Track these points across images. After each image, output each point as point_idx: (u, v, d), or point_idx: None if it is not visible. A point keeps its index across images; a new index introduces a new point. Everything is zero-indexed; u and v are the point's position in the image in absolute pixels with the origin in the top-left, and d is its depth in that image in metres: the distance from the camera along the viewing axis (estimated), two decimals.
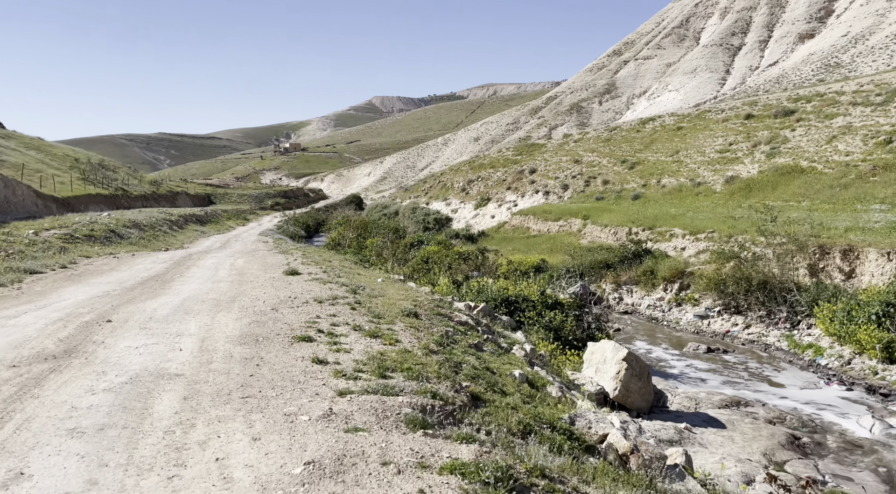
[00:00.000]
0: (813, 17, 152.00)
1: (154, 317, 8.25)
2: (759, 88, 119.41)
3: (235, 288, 10.91)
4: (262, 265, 15.54)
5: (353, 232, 43.70)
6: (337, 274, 13.22)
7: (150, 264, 15.88)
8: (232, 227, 53.20)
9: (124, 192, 62.11)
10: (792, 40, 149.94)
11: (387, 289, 11.21)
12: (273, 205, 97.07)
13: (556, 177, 51.76)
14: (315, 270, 14.19)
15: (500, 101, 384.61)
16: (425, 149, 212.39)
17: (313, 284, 11.36)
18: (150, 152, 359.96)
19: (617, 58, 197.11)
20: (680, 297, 23.20)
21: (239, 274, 13.58)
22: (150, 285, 11.45)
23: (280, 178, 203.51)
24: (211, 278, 12.94)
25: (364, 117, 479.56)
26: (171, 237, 32.53)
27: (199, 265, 15.79)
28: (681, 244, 26.92)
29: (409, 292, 11.29)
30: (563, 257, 31.27)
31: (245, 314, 8.39)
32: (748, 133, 41.19)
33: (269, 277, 12.90)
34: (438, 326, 8.43)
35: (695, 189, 38.08)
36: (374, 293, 10.28)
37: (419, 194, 74.11)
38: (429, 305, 9.89)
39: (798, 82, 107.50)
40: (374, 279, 13.38)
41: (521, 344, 12.31)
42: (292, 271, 13.36)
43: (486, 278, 19.95)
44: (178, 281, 12.23)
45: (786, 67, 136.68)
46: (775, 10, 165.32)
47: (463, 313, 10.68)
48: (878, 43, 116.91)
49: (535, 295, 17.41)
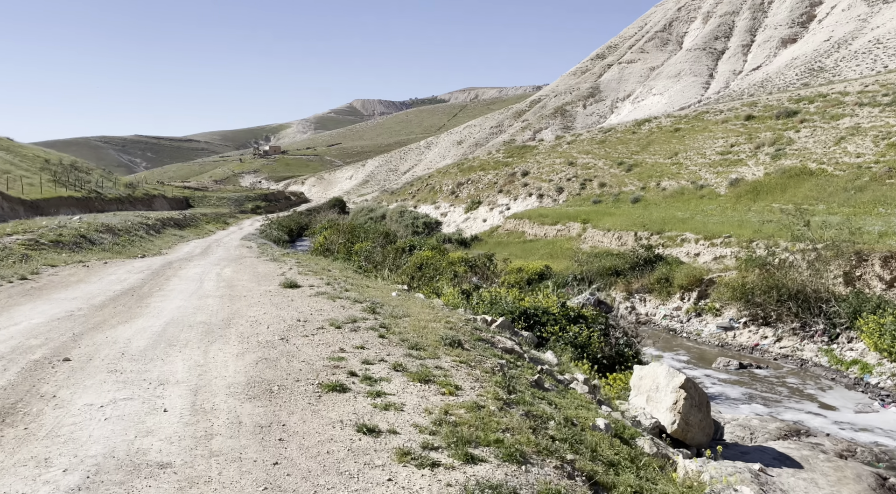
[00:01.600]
0: (795, 22, 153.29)
1: (128, 352, 6.38)
2: (743, 92, 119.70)
3: (228, 306, 9.09)
4: (253, 275, 13.68)
5: (341, 237, 41.74)
6: (343, 287, 11.43)
7: (124, 275, 13.93)
8: (212, 231, 50.90)
9: (98, 194, 59.50)
10: (775, 45, 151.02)
11: (408, 306, 9.48)
12: (253, 208, 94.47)
13: (550, 179, 50.34)
14: (316, 281, 12.39)
15: (482, 104, 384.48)
16: (408, 152, 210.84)
17: (320, 300, 9.58)
18: (125, 155, 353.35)
19: (600, 62, 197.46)
20: (699, 307, 21.73)
21: (228, 287, 11.73)
22: (124, 303, 9.56)
23: (260, 181, 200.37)
24: (196, 291, 11.08)
25: (345, 120, 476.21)
26: (147, 243, 30.37)
27: (180, 276, 13.88)
28: (694, 250, 25.50)
29: (439, 312, 9.54)
30: (568, 263, 29.73)
31: (247, 345, 6.58)
32: (750, 134, 40.11)
33: (265, 290, 11.08)
34: (489, 358, 6.72)
35: (697, 192, 36.82)
36: (398, 313, 8.52)
37: (406, 198, 72.30)
38: (463, 327, 8.19)
39: (782, 86, 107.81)
40: (386, 293, 11.61)
41: (554, 364, 10.64)
42: (291, 284, 11.54)
43: (500, 288, 18.29)
44: (158, 296, 10.35)
45: (769, 71, 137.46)
46: (758, 14, 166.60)
47: (503, 336, 8.97)
48: (861, 48, 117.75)
49: (555, 308, 15.76)
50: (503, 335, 9.00)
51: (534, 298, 16.78)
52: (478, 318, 14.52)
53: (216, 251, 28.14)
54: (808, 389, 15.43)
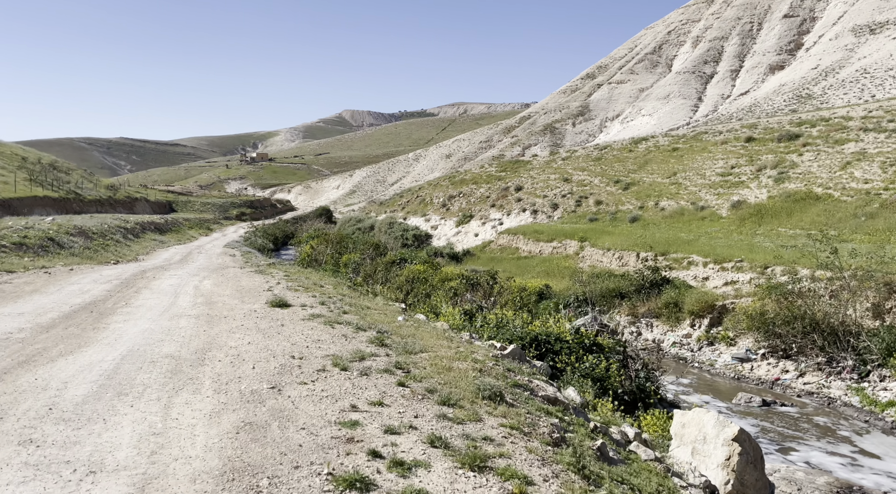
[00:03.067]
0: (783, 49, 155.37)
1: (58, 405, 4.70)
2: (731, 115, 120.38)
3: (204, 331, 7.56)
4: (236, 290, 12.13)
5: (329, 247, 40.12)
6: (340, 308, 9.93)
7: (88, 285, 12.30)
8: (194, 237, 49.01)
9: (77, 195, 57.46)
10: (763, 71, 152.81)
11: (420, 335, 8.02)
12: (238, 215, 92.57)
13: (545, 195, 49.22)
14: (308, 299, 10.87)
15: (471, 119, 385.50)
16: (396, 164, 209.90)
17: (317, 325, 8.09)
18: (110, 157, 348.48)
19: (590, 81, 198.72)
20: (711, 335, 20.46)
21: (207, 304, 10.18)
22: (79, 322, 7.99)
23: (246, 187, 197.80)
24: (168, 309, 9.52)
25: (333, 130, 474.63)
26: (123, 248, 28.58)
27: (153, 288, 12.29)
28: (702, 274, 24.31)
29: (459, 346, 8.06)
30: (567, 282, 28.44)
31: (225, 397, 5.03)
32: (750, 156, 39.31)
33: (250, 309, 9.55)
34: (539, 416, 5.27)
35: (698, 213, 35.83)
36: (411, 346, 7.03)
37: (395, 209, 70.84)
38: (494, 368, 6.75)
39: (771, 112, 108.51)
40: (390, 316, 10.10)
41: (578, 403, 9.21)
42: (280, 302, 10.02)
43: (506, 310, 16.86)
44: (122, 314, 8.78)
45: (757, 96, 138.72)
46: (746, 41, 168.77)
47: (539, 380, 7.52)
48: (848, 77, 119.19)
49: (568, 334, 14.37)
50: (538, 379, 7.55)
51: (543, 322, 15.37)
52: (485, 344, 13.08)
53: (197, 259, 26.44)
54: (841, 430, 14.14)
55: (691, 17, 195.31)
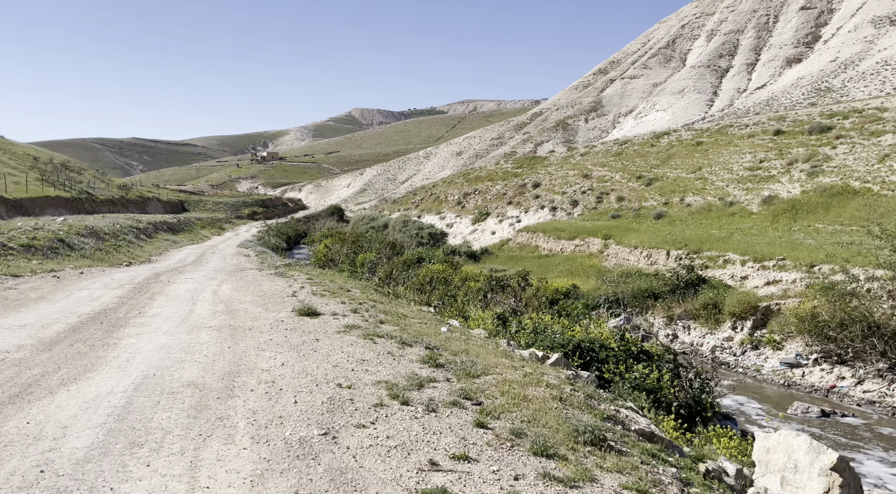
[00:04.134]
0: (800, 41, 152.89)
1: (50, 468, 3.62)
2: (748, 109, 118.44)
3: (229, 348, 6.58)
4: (258, 296, 11.16)
5: (345, 247, 39.19)
6: (375, 316, 8.94)
7: (99, 290, 11.38)
8: (207, 237, 48.30)
9: (89, 195, 56.99)
10: (780, 64, 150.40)
11: (472, 350, 7.00)
12: (250, 214, 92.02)
13: (564, 192, 48.03)
14: (337, 306, 9.88)
15: (481, 117, 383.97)
16: (406, 162, 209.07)
17: (355, 339, 7.10)
18: (122, 157, 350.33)
19: (603, 76, 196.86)
20: (755, 338, 19.29)
21: (228, 312, 9.21)
22: (86, 337, 7.04)
23: (257, 187, 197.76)
24: (185, 319, 8.56)
25: (343, 129, 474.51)
26: (136, 248, 27.78)
27: (168, 293, 11.34)
28: (740, 272, 23.09)
29: (521, 365, 7.01)
30: (594, 281, 27.32)
31: (267, 450, 3.91)
32: (780, 150, 37.94)
33: (276, 319, 8.58)
34: (657, 467, 4.23)
35: (727, 209, 34.54)
36: (470, 367, 5.96)
37: (409, 207, 69.88)
38: (571, 394, 5.70)
39: (789, 105, 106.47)
40: (431, 326, 9.08)
41: (644, 425, 8.15)
42: (308, 310, 9.03)
43: (544, 315, 15.79)
44: (135, 326, 7.82)
45: (775, 90, 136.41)
46: (762, 34, 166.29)
47: (626, 407, 6.47)
48: (868, 69, 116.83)
49: (612, 340, 13.29)
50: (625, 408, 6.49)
51: (584, 327, 14.30)
52: (525, 353, 12.04)
53: (211, 260, 25.59)
54: None
55: (705, 10, 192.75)
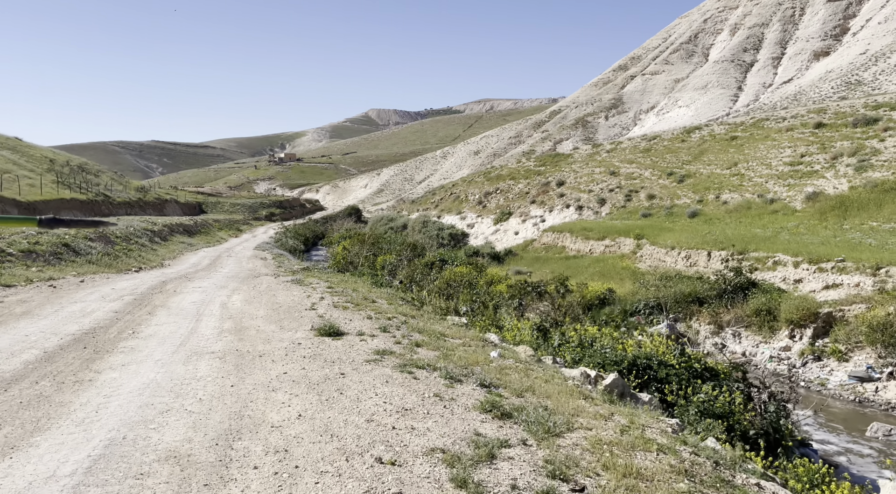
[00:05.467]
0: (828, 34, 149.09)
1: None
2: (775, 104, 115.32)
3: (232, 388, 5.17)
4: (272, 309, 9.77)
5: (364, 249, 37.87)
6: (407, 334, 7.50)
7: (94, 303, 10.07)
8: (224, 239, 47.33)
9: (106, 198, 56.41)
10: (807, 58, 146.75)
11: (538, 387, 5.53)
12: (268, 215, 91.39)
13: (590, 190, 46.28)
14: (363, 322, 8.45)
15: (498, 116, 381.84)
16: (423, 161, 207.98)
17: (390, 372, 5.66)
18: (142, 160, 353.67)
19: (623, 73, 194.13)
20: (817, 348, 17.54)
21: (236, 331, 7.82)
22: (57, 371, 5.67)
23: (274, 188, 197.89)
24: (185, 341, 7.18)
25: (360, 129, 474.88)
26: (148, 252, 26.68)
27: (171, 306, 9.99)
28: (793, 275, 21.31)
29: (605, 406, 5.49)
30: (630, 285, 25.67)
31: None
32: (822, 144, 35.89)
33: (292, 341, 7.17)
34: None
35: (768, 207, 32.63)
36: (549, 419, 4.45)
37: (428, 207, 68.49)
38: (691, 458, 4.23)
39: (818, 99, 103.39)
40: (477, 349, 7.62)
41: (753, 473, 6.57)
42: (329, 329, 7.62)
43: (588, 325, 14.24)
44: (122, 353, 6.45)
45: (802, 84, 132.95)
46: (788, 27, 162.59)
47: (768, 481, 4.94)
48: None
49: (671, 356, 11.71)
50: (766, 481, 4.97)
51: (637, 341, 12.73)
52: (574, 372, 10.53)
53: (226, 264, 24.38)
54: None
55: (728, 4, 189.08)
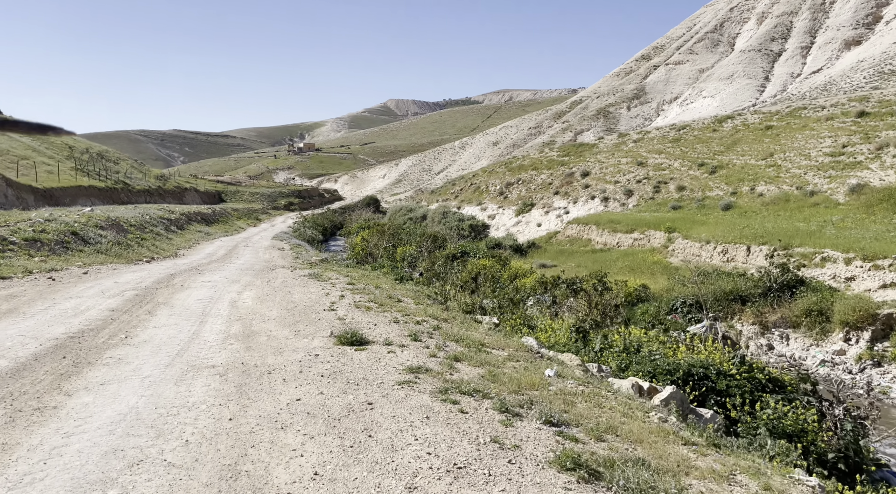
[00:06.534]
0: (860, 23, 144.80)
1: None
2: (804, 95, 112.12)
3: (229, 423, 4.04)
4: (286, 309, 8.69)
5: (384, 240, 36.82)
6: (441, 345, 6.39)
7: (91, 299, 9.07)
8: (242, 228, 46.60)
9: (125, 185, 56.04)
10: (837, 47, 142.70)
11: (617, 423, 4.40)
12: (287, 205, 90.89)
13: (616, 181, 44.75)
14: (390, 328, 7.36)
15: (517, 106, 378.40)
16: (442, 152, 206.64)
17: (427, 401, 4.55)
18: (164, 149, 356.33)
19: (646, 62, 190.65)
20: (876, 352, 16.15)
21: (244, 337, 6.75)
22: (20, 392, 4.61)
23: (293, 177, 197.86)
24: (183, 350, 6.12)
25: (378, 120, 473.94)
26: (163, 241, 25.85)
27: (174, 305, 8.96)
28: (844, 272, 19.83)
29: (726, 465, 4.32)
30: (662, 281, 24.32)
31: None
32: (866, 133, 34.06)
33: (308, 352, 6.08)
34: None
35: (807, 199, 30.98)
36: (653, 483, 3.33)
37: (448, 197, 67.29)
38: None
39: (849, 90, 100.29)
40: (527, 365, 6.48)
41: None
42: (352, 337, 6.54)
43: (634, 328, 12.99)
44: (104, 368, 5.39)
45: (832, 74, 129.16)
46: (818, 15, 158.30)
47: None
48: None
49: (730, 365, 10.45)
50: None
51: (690, 347, 11.47)
52: (625, 383, 9.34)
53: (242, 255, 23.46)
54: None
55: None
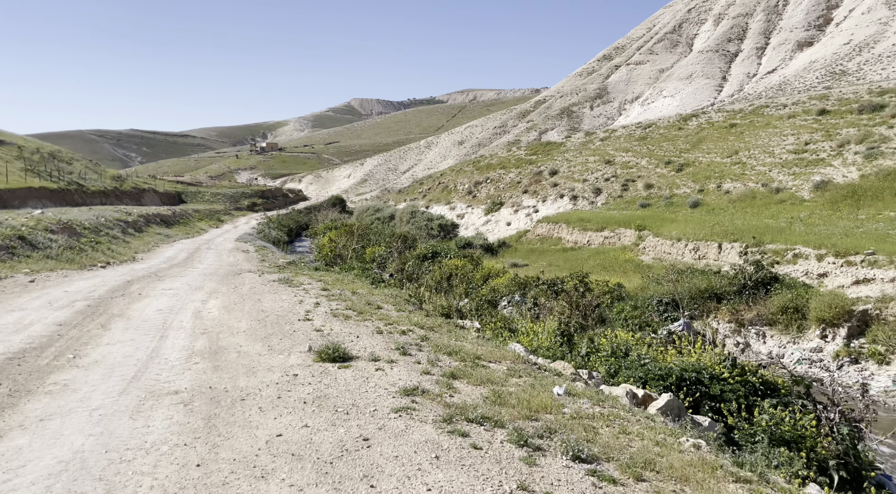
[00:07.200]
0: (811, 24, 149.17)
1: None
2: (760, 94, 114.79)
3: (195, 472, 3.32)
4: (257, 320, 7.96)
5: (353, 241, 35.97)
6: (434, 360, 5.81)
7: (36, 312, 8.19)
8: (203, 229, 45.08)
9: (80, 187, 53.69)
10: (791, 48, 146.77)
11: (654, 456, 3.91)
12: (250, 205, 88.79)
13: (585, 179, 44.77)
14: (374, 340, 6.73)
15: (481, 106, 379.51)
16: (407, 151, 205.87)
17: (431, 432, 3.96)
18: (120, 149, 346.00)
19: (608, 63, 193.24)
20: (853, 349, 16.15)
21: (211, 355, 6.03)
22: None
23: (256, 177, 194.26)
24: (139, 374, 5.38)
25: (342, 119, 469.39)
26: (120, 245, 24.57)
27: (131, 316, 8.14)
28: (816, 269, 19.92)
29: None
30: (636, 279, 24.17)
31: None
32: (827, 131, 34.67)
33: (286, 371, 5.42)
34: None
35: (773, 196, 31.34)
36: None
37: (416, 197, 66.62)
38: None
39: (802, 90, 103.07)
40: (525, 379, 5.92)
41: None
42: (334, 352, 5.89)
43: (621, 331, 12.59)
44: (44, 399, 4.60)
45: (787, 74, 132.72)
46: (772, 17, 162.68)
47: None
48: (885, 51, 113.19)
49: (723, 368, 10.11)
50: None
51: (681, 350, 11.11)
52: (618, 391, 8.92)
53: (205, 258, 22.41)
54: None
55: None
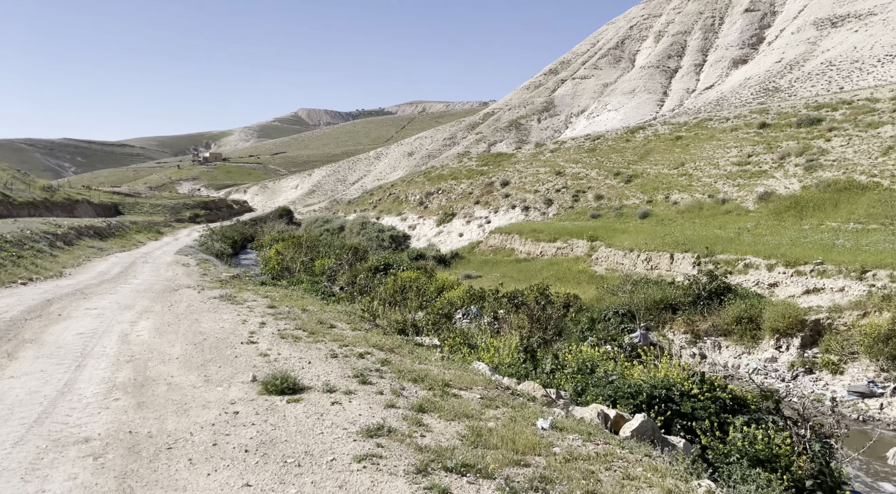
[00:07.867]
0: (745, 43, 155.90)
1: None
2: (699, 109, 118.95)
3: None
4: (193, 344, 7.05)
5: (302, 253, 34.70)
6: (398, 389, 5.11)
7: None
8: (141, 242, 42.84)
9: (5, 197, 50.39)
10: (727, 65, 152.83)
11: None
12: (192, 217, 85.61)
13: (536, 190, 44.84)
14: (328, 366, 5.96)
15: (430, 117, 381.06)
16: (356, 162, 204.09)
17: (403, 489, 3.27)
18: (53, 159, 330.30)
19: (554, 76, 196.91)
20: (807, 359, 16.23)
21: (136, 392, 5.16)
22: None
23: (199, 188, 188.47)
24: (42, 416, 4.52)
25: (290, 130, 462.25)
26: (46, 259, 22.77)
27: (45, 341, 7.10)
28: (767, 278, 20.13)
29: None
30: (591, 290, 23.99)
31: None
32: (768, 143, 35.73)
33: (225, 410, 4.63)
34: None
35: (720, 207, 31.94)
36: None
37: (366, 208, 65.53)
38: None
39: (739, 105, 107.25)
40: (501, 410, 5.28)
41: None
42: (282, 382, 5.11)
43: (586, 347, 12.10)
44: None
45: (724, 89, 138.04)
46: (709, 35, 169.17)
47: None
48: (814, 69, 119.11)
49: (692, 384, 9.73)
50: None
51: (647, 366, 10.71)
52: (588, 412, 8.38)
53: (140, 273, 20.95)
54: None
55: (652, 12, 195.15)
